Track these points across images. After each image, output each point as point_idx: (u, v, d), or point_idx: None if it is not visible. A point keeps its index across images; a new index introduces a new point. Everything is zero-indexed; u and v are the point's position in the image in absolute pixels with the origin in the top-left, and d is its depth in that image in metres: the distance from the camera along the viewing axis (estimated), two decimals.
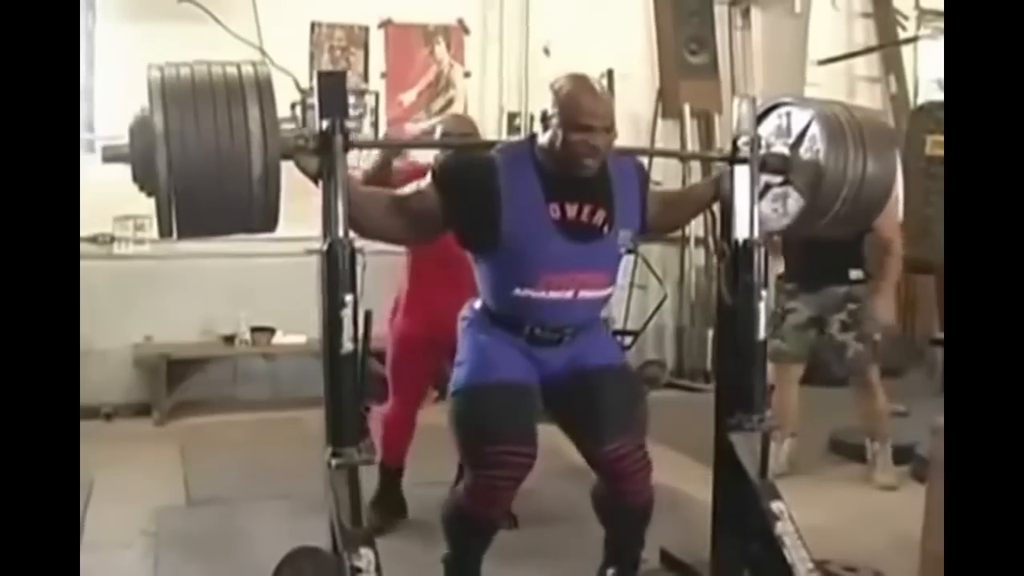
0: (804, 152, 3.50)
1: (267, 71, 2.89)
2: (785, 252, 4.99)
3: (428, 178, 3.19)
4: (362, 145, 5.10)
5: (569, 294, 3.16)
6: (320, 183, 2.98)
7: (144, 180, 2.80)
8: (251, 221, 2.91)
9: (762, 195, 3.61)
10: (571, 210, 3.16)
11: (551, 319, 3.21)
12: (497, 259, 3.17)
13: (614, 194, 3.23)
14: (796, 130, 3.52)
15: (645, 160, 7.15)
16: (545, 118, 3.15)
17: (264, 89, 2.80)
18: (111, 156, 2.86)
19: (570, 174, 3.13)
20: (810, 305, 5.01)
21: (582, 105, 3.09)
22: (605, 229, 3.20)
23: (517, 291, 3.15)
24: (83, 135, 6.24)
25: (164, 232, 2.85)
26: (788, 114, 3.57)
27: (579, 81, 3.17)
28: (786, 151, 3.55)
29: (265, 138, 2.76)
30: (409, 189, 3.23)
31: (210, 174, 2.73)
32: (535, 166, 3.15)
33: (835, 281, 4.96)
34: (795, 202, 3.57)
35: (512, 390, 3.17)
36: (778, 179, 3.60)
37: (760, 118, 3.60)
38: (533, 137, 3.24)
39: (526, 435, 3.14)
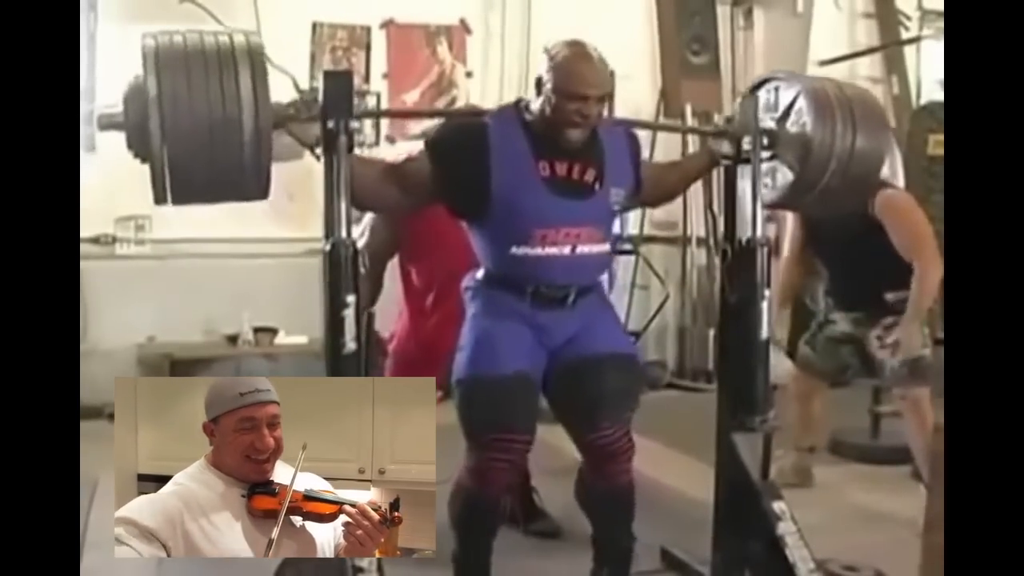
0: (791, 126, 3.46)
1: (259, 40, 2.91)
2: (826, 267, 4.88)
3: (421, 146, 3.24)
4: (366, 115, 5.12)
5: (567, 249, 3.19)
6: (316, 152, 3.01)
7: (138, 146, 2.81)
8: (244, 188, 2.91)
9: None
10: (560, 168, 3.19)
11: (552, 277, 3.24)
12: (490, 220, 3.20)
13: (604, 153, 3.26)
14: (784, 104, 3.49)
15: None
16: (539, 83, 3.15)
17: (255, 57, 2.84)
18: (106, 124, 2.89)
19: (559, 136, 3.15)
20: (848, 322, 4.74)
21: (578, 73, 3.09)
22: (596, 186, 3.24)
23: (514, 250, 3.18)
24: (85, 134, 6.25)
25: (158, 198, 2.86)
26: (776, 89, 3.53)
27: (576, 47, 3.14)
28: (773, 125, 3.51)
29: (256, 104, 2.78)
30: (401, 157, 3.28)
31: (202, 137, 2.74)
32: (523, 127, 3.19)
33: (871, 304, 4.62)
34: (783, 176, 3.53)
35: (512, 382, 3.21)
36: (766, 154, 3.55)
37: (749, 94, 3.62)
38: (519, 101, 3.29)
39: (523, 423, 3.22)
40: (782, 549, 3.32)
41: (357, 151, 3.05)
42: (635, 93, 7.67)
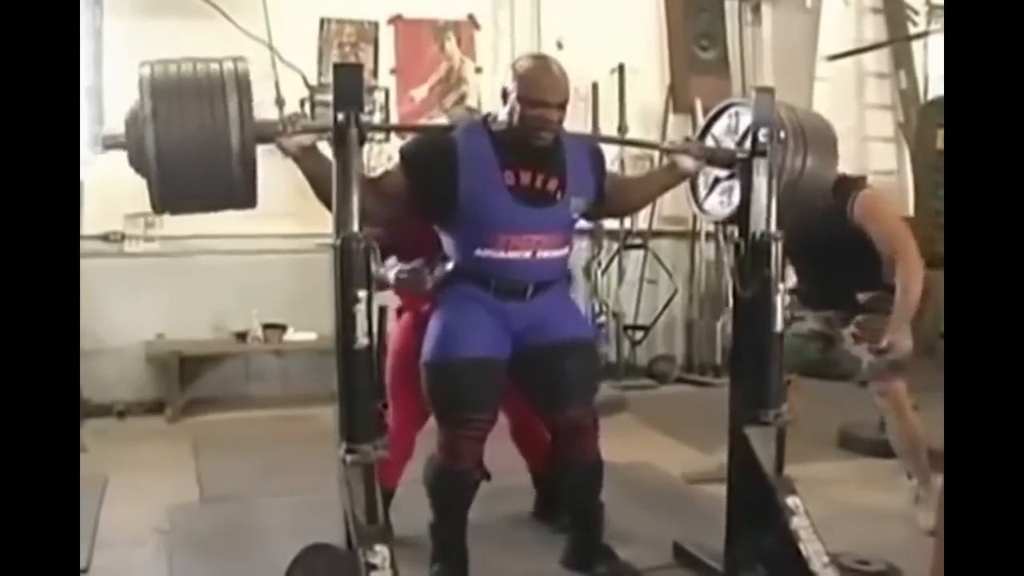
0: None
1: (245, 67, 3.12)
2: (794, 265, 4.87)
3: (397, 160, 3.50)
4: (373, 128, 5.14)
5: (528, 254, 3.47)
6: (300, 164, 3.16)
7: (138, 163, 3.03)
8: (233, 197, 3.13)
9: (712, 188, 3.88)
10: (525, 177, 3.45)
11: (513, 276, 3.49)
12: (459, 226, 3.47)
13: (567, 165, 3.53)
14: (743, 127, 3.68)
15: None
16: (505, 94, 3.43)
17: (242, 81, 3.06)
18: (110, 144, 3.11)
19: (524, 146, 3.42)
20: (818, 320, 4.73)
21: (539, 82, 3.38)
22: (558, 195, 3.50)
23: (479, 252, 3.45)
24: (92, 131, 6.26)
25: (156, 208, 3.13)
26: (737, 114, 3.75)
27: (538, 60, 3.50)
28: (733, 147, 3.69)
29: (242, 121, 3.00)
30: (379, 172, 3.60)
31: (193, 151, 2.98)
32: (490, 139, 3.46)
33: (843, 304, 4.61)
34: (740, 194, 3.71)
35: (473, 365, 3.46)
36: (725, 173, 3.78)
37: (714, 118, 3.87)
38: (487, 116, 3.57)
39: (486, 404, 3.53)
40: (796, 543, 3.32)
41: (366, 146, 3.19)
42: (644, 88, 7.67)
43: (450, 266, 3.57)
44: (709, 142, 3.84)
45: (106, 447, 5.48)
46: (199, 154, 2.97)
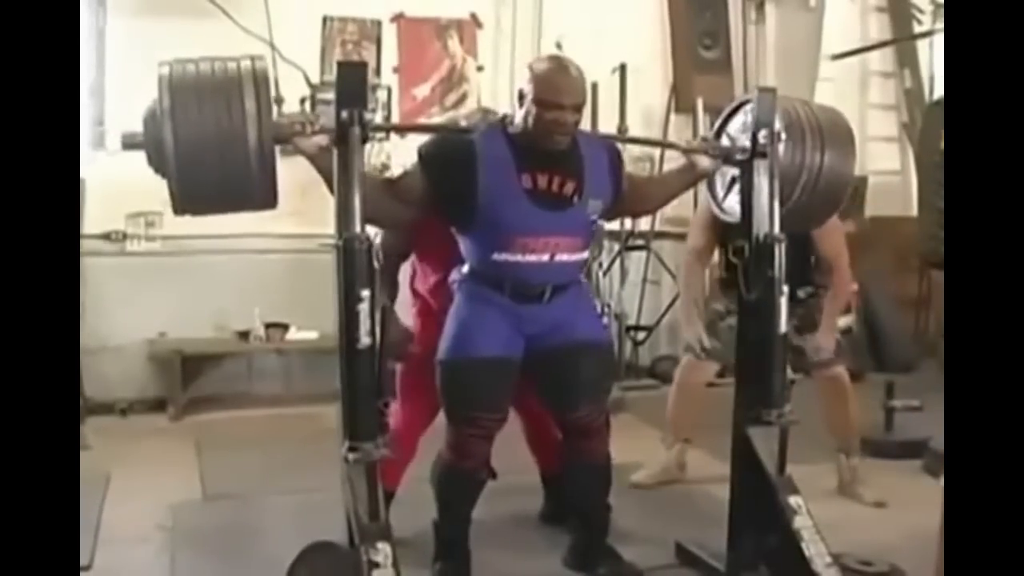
0: None
1: (263, 65, 3.12)
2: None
3: (416, 161, 3.45)
4: (376, 128, 5.14)
5: (545, 257, 3.45)
6: (315, 163, 3.13)
7: (157, 162, 3.01)
8: (253, 196, 3.11)
9: (730, 188, 3.83)
10: (542, 180, 3.42)
11: (530, 279, 3.48)
12: (476, 228, 3.45)
13: (584, 167, 3.49)
14: None
15: (657, 152, 7.26)
16: (521, 95, 3.40)
17: (260, 79, 3.06)
18: (128, 143, 3.05)
19: (541, 149, 3.40)
20: None
21: (555, 84, 3.34)
22: (575, 198, 3.47)
23: (496, 255, 3.44)
24: (94, 131, 6.26)
25: (177, 209, 3.10)
26: (753, 111, 3.66)
27: (554, 62, 3.47)
28: (748, 144, 3.62)
29: (260, 118, 2.99)
30: (397, 173, 3.58)
31: (212, 150, 2.96)
32: (507, 142, 3.43)
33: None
34: (741, 196, 3.68)
35: (486, 365, 3.48)
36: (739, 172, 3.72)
37: (729, 116, 3.80)
38: (504, 118, 3.54)
39: (497, 404, 3.55)
40: (798, 543, 3.32)
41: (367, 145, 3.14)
42: (647, 88, 7.65)
43: (466, 268, 3.57)
44: (724, 140, 3.79)
45: (109, 445, 5.48)
46: (218, 153, 2.96)
